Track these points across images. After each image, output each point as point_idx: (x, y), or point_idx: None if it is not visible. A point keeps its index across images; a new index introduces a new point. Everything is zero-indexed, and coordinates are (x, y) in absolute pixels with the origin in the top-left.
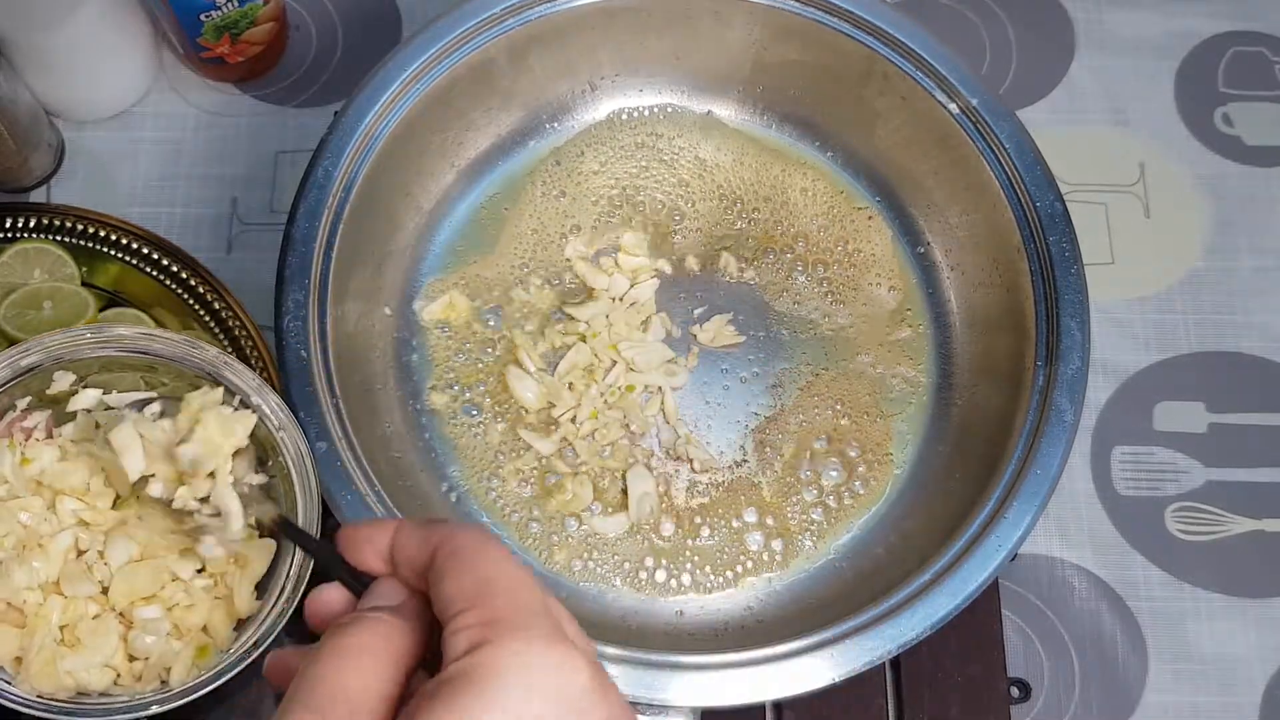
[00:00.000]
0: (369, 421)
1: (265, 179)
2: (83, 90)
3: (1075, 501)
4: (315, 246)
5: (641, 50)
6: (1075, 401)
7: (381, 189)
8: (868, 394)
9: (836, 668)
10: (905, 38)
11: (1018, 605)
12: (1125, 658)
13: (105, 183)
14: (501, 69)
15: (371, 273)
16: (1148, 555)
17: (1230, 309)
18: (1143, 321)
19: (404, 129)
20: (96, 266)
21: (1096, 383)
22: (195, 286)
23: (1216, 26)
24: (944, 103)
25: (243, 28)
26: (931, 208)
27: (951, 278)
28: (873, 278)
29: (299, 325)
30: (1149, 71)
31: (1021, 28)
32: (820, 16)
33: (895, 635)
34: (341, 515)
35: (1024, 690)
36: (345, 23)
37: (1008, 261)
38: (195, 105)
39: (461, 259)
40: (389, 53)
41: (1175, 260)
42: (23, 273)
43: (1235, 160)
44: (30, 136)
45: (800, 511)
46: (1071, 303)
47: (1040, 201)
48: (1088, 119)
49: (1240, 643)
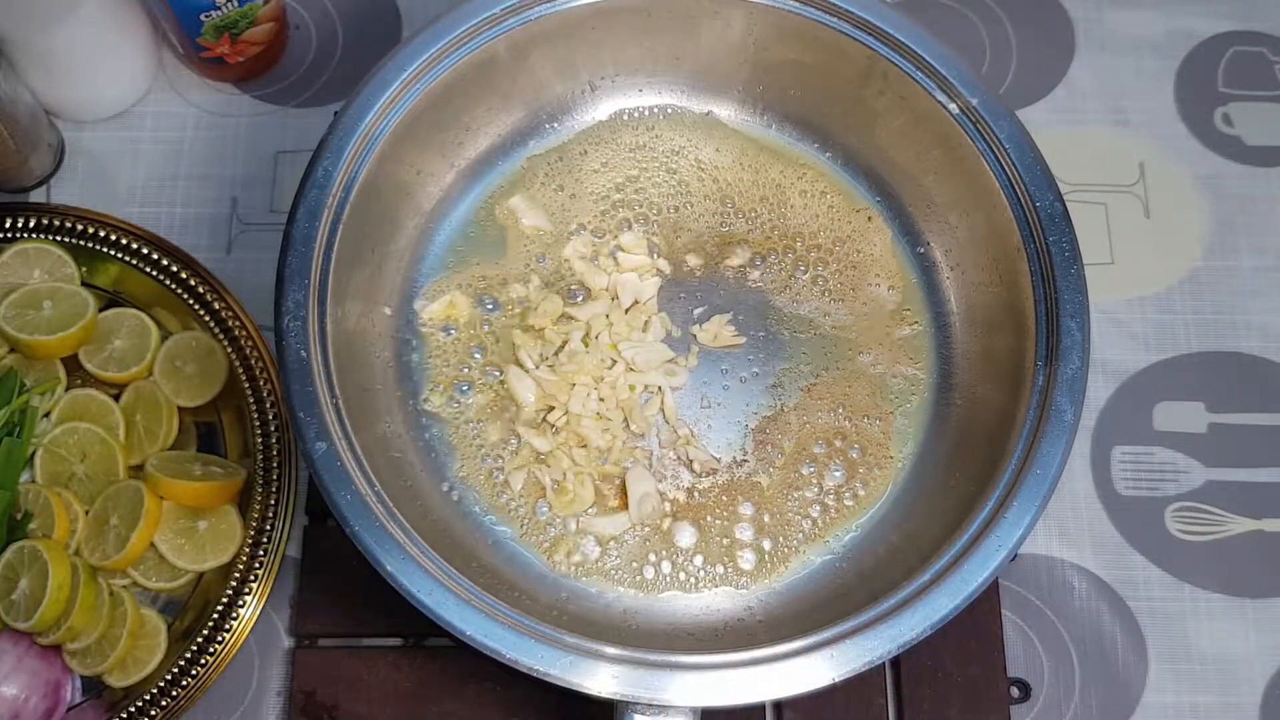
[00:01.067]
0: (369, 421)
1: (265, 179)
2: (83, 90)
3: (1075, 501)
4: (315, 246)
5: (641, 50)
6: (1075, 401)
7: (381, 189)
8: (868, 394)
9: (836, 668)
10: (905, 37)
11: (1018, 605)
12: (1125, 658)
13: (105, 183)
14: (501, 69)
15: (371, 273)
16: (1148, 555)
17: (1230, 309)
18: (1142, 321)
19: (404, 129)
20: (96, 266)
21: (1096, 383)
22: (195, 286)
23: (1216, 26)
24: (944, 103)
25: (242, 28)
26: (931, 208)
27: (951, 277)
28: (872, 278)
29: (299, 325)
30: (1149, 71)
31: (1021, 27)
32: (820, 16)
33: (895, 635)
34: (342, 515)
35: (1024, 690)
36: (345, 23)
37: (1007, 261)
38: (195, 105)
39: (461, 259)
40: (389, 53)
41: (1175, 260)
42: (23, 273)
43: (1235, 160)
44: (30, 136)
45: (800, 511)
46: (1071, 302)
47: (1040, 201)
48: (1088, 119)
49: (1240, 643)
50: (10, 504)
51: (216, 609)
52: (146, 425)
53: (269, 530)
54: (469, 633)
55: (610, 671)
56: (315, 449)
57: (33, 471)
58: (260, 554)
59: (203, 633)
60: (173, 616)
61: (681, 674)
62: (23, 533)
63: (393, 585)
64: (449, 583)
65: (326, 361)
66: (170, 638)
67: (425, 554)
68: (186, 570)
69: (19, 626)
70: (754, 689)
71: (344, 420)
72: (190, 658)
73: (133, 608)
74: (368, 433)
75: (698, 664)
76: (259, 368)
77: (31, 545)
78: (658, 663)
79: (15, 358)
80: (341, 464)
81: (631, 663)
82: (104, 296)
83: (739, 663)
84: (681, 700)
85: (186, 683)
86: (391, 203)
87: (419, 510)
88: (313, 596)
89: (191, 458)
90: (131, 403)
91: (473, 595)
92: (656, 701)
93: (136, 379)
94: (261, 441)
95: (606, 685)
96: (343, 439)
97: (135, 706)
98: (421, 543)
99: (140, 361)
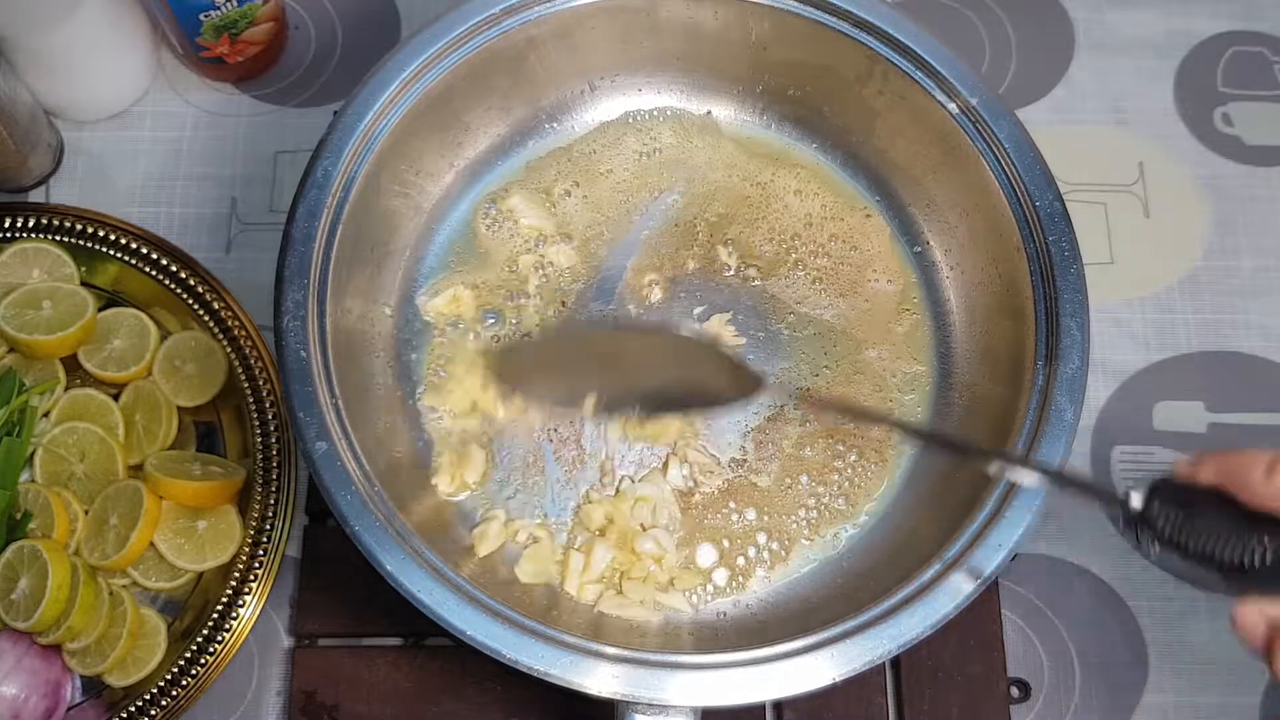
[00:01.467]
0: (369, 421)
1: (264, 179)
2: (82, 90)
3: (1075, 501)
4: (314, 246)
5: (641, 50)
6: (1075, 400)
7: (381, 189)
8: (868, 393)
9: (838, 667)
10: (904, 37)
11: (1018, 605)
12: (1125, 658)
13: (104, 182)
14: (501, 69)
15: (371, 272)
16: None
17: (1230, 309)
18: (1142, 321)
19: (403, 129)
20: (96, 266)
21: (1096, 383)
22: (194, 286)
23: (1216, 26)
24: (943, 102)
25: (242, 27)
26: (931, 207)
27: (951, 277)
28: (872, 277)
29: (298, 325)
30: (1149, 71)
31: (1021, 27)
32: (820, 16)
33: (895, 635)
34: (342, 516)
35: (1024, 690)
36: (344, 22)
37: (1007, 261)
38: (194, 105)
39: (461, 259)
40: (388, 53)
41: (1175, 260)
42: (22, 272)
43: (1235, 160)
44: (29, 136)
45: (800, 510)
46: (1071, 302)
47: (1039, 201)
48: (1087, 118)
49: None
50: (10, 504)
51: (216, 609)
52: (146, 425)
53: (269, 530)
54: (470, 633)
55: (611, 671)
56: (315, 449)
57: (32, 471)
58: (260, 554)
59: (202, 632)
60: (172, 616)
61: (682, 673)
62: (22, 532)
63: (393, 585)
64: (449, 583)
65: (326, 361)
66: (170, 637)
67: (426, 554)
68: (186, 570)
69: (19, 626)
70: (756, 688)
71: (344, 420)
72: (190, 657)
73: (132, 607)
74: (367, 432)
75: (698, 663)
76: (258, 367)
77: (31, 545)
78: (658, 662)
79: (14, 357)
80: (341, 464)
81: (632, 662)
82: (103, 296)
83: (740, 662)
84: (682, 700)
85: (186, 682)
86: (391, 203)
87: (420, 510)
88: (312, 596)
89: (191, 457)
90: (131, 402)
91: (473, 595)
92: (657, 701)
93: (136, 379)
94: (261, 441)
95: (607, 685)
96: (343, 439)
97: (135, 706)
98: (421, 543)
99: (139, 361)
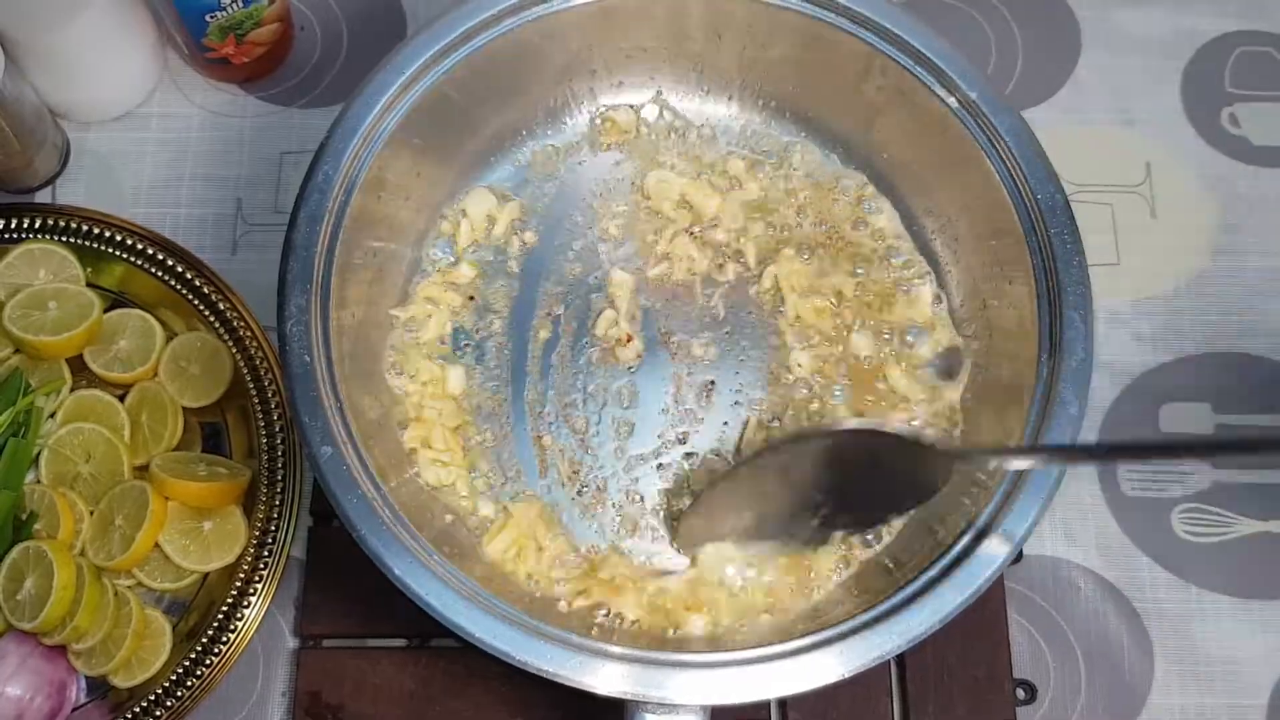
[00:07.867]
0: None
1: (270, 179)
2: (88, 91)
3: (1081, 503)
4: (316, 251)
5: (640, 49)
6: (1080, 394)
7: (382, 191)
8: (868, 390)
9: (846, 663)
10: (903, 32)
11: (1024, 607)
12: (1131, 659)
13: (110, 183)
14: (501, 69)
15: (373, 275)
16: (1154, 557)
17: (1237, 310)
18: (1149, 322)
19: (404, 130)
20: (101, 267)
21: (1102, 383)
22: (200, 287)
23: (1224, 26)
24: (943, 97)
25: (247, 28)
26: (932, 201)
27: (953, 271)
28: (872, 274)
29: (301, 330)
30: (1155, 71)
31: (1027, 27)
32: (819, 13)
33: (904, 630)
34: (349, 520)
35: (1030, 691)
36: (350, 23)
37: (1009, 254)
38: (200, 106)
39: (461, 259)
40: (387, 54)
41: (1181, 261)
42: (28, 273)
43: (1242, 160)
44: (35, 137)
45: None
46: (1074, 294)
47: (1041, 194)
48: (1094, 119)
49: (1247, 645)
50: (15, 504)
51: (221, 609)
52: (151, 426)
53: (274, 531)
54: (479, 635)
55: (620, 671)
56: (321, 453)
57: (38, 472)
58: (265, 554)
59: (207, 633)
60: (177, 617)
61: (691, 672)
62: (28, 533)
63: (402, 589)
64: (457, 586)
65: (330, 365)
66: (175, 638)
67: (433, 557)
68: (191, 571)
69: (24, 627)
70: (764, 685)
71: (349, 424)
72: (195, 658)
73: (138, 608)
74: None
75: (707, 662)
76: (264, 368)
77: (37, 545)
78: (667, 661)
79: (20, 358)
80: (347, 468)
81: (641, 662)
82: (109, 297)
83: (748, 660)
84: (688, 698)
85: (191, 683)
86: (392, 204)
87: (422, 512)
88: (317, 597)
89: (196, 458)
90: (136, 403)
91: (481, 598)
92: (667, 700)
93: (141, 379)
94: (266, 442)
95: (616, 685)
96: (348, 443)
97: (140, 707)
98: (429, 546)
99: (145, 362)
